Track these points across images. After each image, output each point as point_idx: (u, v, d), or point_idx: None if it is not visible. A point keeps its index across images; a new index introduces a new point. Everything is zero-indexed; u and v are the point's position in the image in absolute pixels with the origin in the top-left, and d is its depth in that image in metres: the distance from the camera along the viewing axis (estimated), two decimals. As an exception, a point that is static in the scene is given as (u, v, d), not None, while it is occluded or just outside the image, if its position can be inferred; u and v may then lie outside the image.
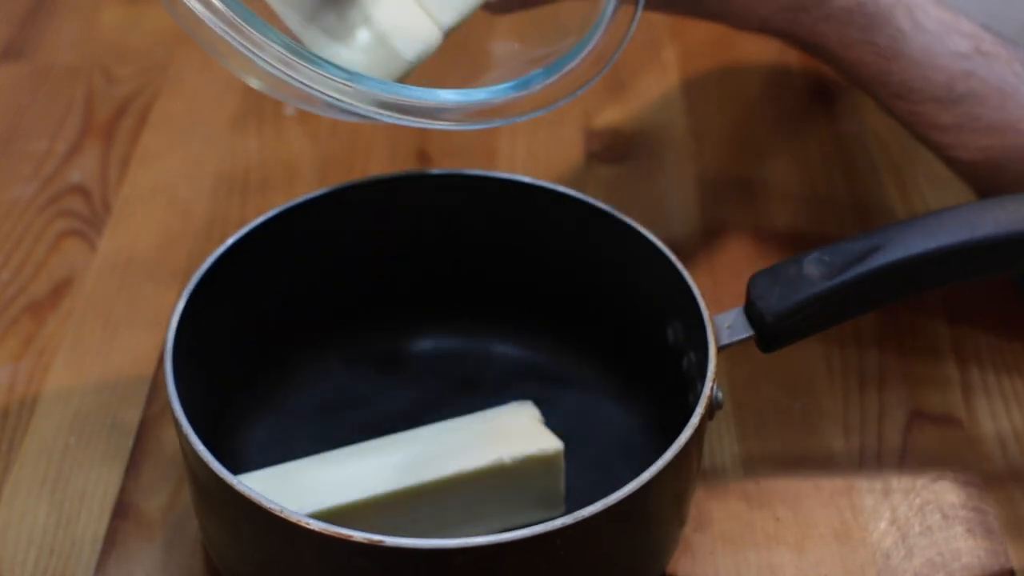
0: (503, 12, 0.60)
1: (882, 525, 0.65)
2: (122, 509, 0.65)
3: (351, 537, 0.50)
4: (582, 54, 0.58)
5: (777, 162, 0.87)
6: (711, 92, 0.92)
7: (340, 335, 0.70)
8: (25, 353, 0.72)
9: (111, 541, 0.63)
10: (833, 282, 0.58)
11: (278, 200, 0.67)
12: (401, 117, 0.55)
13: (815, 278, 0.58)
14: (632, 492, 0.52)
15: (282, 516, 0.51)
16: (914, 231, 0.59)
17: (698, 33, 0.96)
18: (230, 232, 0.64)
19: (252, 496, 0.52)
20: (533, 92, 0.57)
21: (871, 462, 0.68)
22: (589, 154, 0.87)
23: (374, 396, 0.70)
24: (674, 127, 0.90)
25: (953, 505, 0.66)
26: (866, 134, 0.89)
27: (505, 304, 0.71)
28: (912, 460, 0.68)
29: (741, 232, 0.81)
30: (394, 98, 0.55)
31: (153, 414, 0.69)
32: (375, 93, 0.54)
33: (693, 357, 0.61)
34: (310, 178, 0.84)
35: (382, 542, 0.50)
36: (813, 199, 0.84)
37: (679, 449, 0.54)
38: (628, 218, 0.65)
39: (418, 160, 0.86)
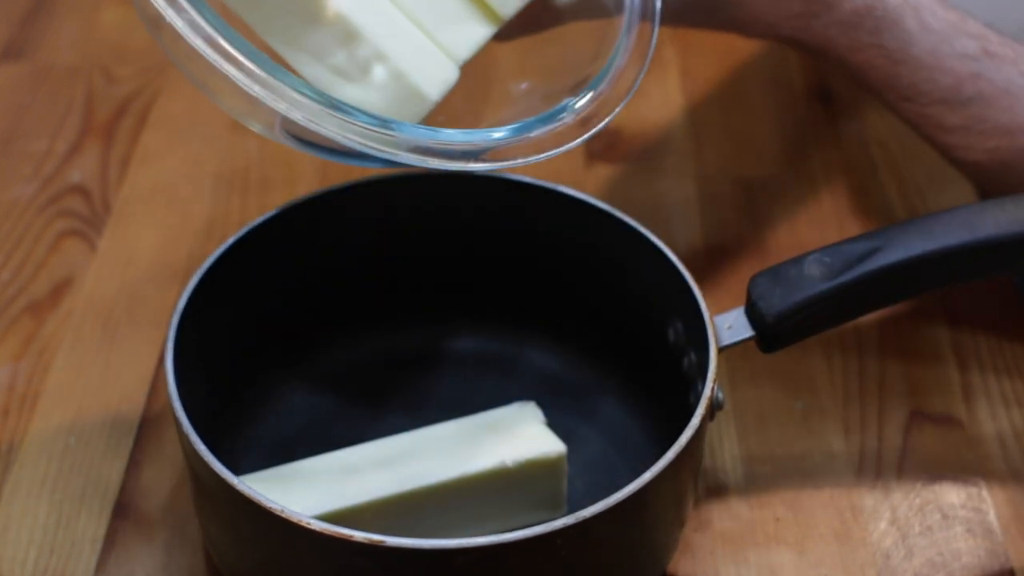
0: (512, 38, 0.60)
1: (882, 525, 0.65)
2: (122, 509, 0.65)
3: (352, 537, 0.50)
4: (608, 77, 0.58)
5: (777, 162, 0.87)
6: (711, 92, 0.92)
7: (340, 335, 0.70)
8: (25, 353, 0.72)
9: (111, 541, 0.63)
10: (834, 283, 0.58)
11: (278, 200, 0.67)
12: (445, 163, 0.53)
13: (816, 279, 0.58)
14: (632, 492, 0.52)
15: (283, 516, 0.51)
16: (914, 232, 0.59)
17: (698, 33, 0.96)
18: (230, 232, 0.64)
19: (253, 496, 0.52)
20: (568, 122, 0.56)
21: (871, 462, 0.68)
22: (589, 154, 0.87)
23: (375, 396, 0.70)
24: (674, 127, 0.90)
25: (953, 505, 0.66)
26: (866, 134, 0.89)
27: (505, 304, 0.71)
28: (912, 460, 0.68)
29: (741, 232, 0.81)
30: (435, 143, 0.53)
31: (153, 414, 0.69)
32: (415, 139, 0.53)
33: (694, 357, 0.61)
34: (310, 178, 0.84)
35: (383, 542, 0.50)
36: (813, 199, 0.84)
37: (680, 449, 0.54)
38: (628, 218, 0.65)
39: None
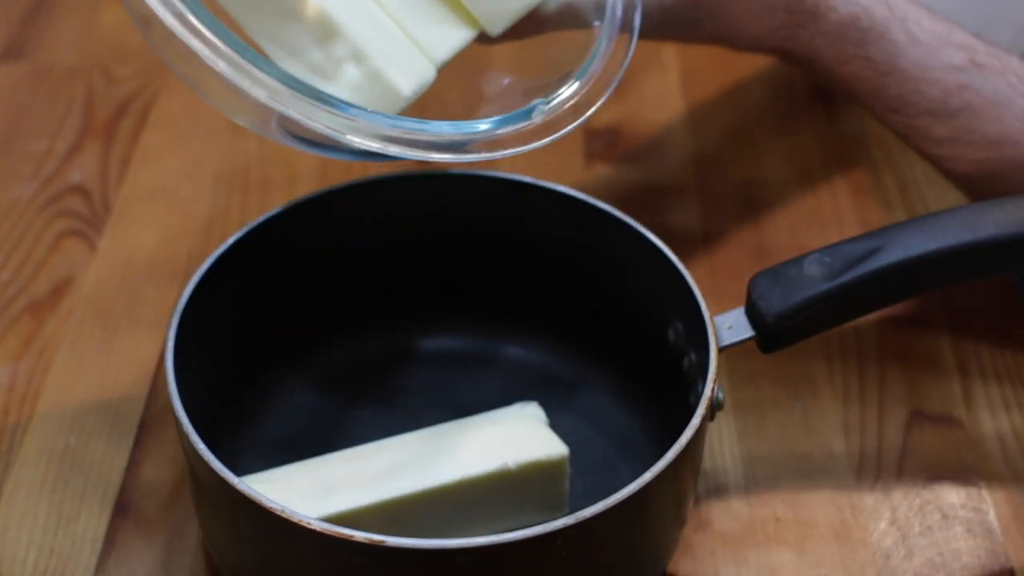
0: (494, 42, 0.60)
1: (882, 525, 0.65)
2: (122, 509, 0.65)
3: (352, 537, 0.50)
4: (583, 81, 0.58)
5: (777, 162, 0.87)
6: (711, 92, 0.92)
7: (341, 334, 0.70)
8: (25, 353, 0.72)
9: (111, 541, 0.63)
10: (834, 283, 0.58)
11: (278, 200, 0.67)
12: (405, 151, 0.54)
13: (816, 279, 0.58)
14: (633, 492, 0.52)
15: (283, 516, 0.51)
16: (914, 232, 0.59)
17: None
18: (230, 232, 0.64)
19: (253, 496, 0.52)
20: (535, 122, 0.57)
21: (871, 462, 0.68)
22: (589, 154, 0.87)
23: (377, 396, 0.70)
24: (674, 127, 0.90)
25: (953, 505, 0.66)
26: (866, 134, 0.89)
27: (506, 304, 0.71)
28: (912, 460, 0.68)
29: (741, 232, 0.81)
30: (399, 132, 0.54)
31: (153, 414, 0.69)
32: (379, 127, 0.53)
33: (694, 357, 0.61)
34: (310, 178, 0.84)
35: (383, 542, 0.50)
36: (813, 199, 0.84)
37: (680, 450, 0.54)
38: (628, 218, 0.65)
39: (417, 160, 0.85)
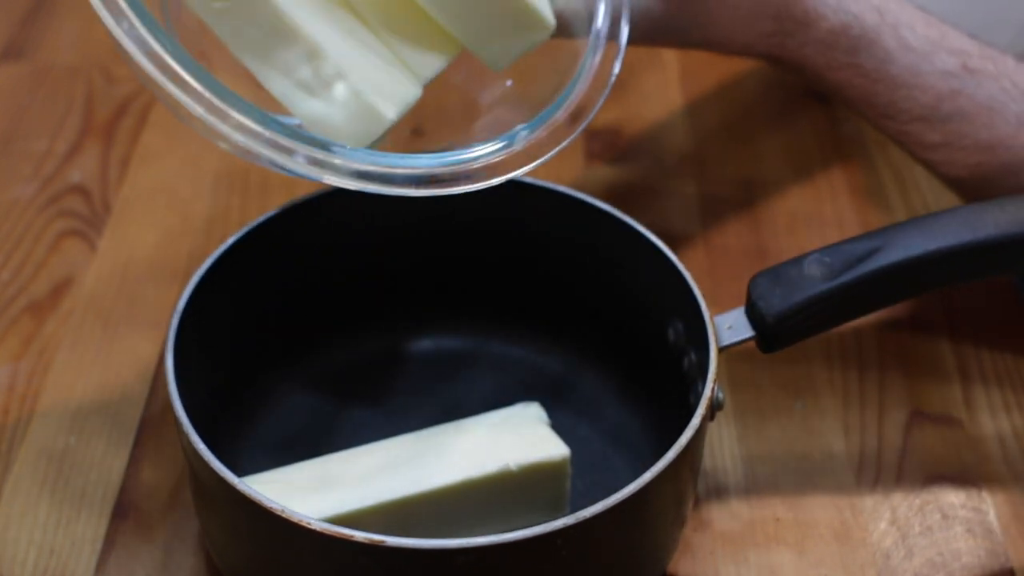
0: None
1: (882, 525, 0.65)
2: (122, 509, 0.65)
3: (352, 537, 0.50)
4: (567, 103, 0.58)
5: (777, 162, 0.87)
6: (711, 92, 0.92)
7: (341, 335, 0.70)
8: (25, 353, 0.72)
9: (111, 541, 0.63)
10: (834, 283, 0.58)
11: (278, 200, 0.67)
12: (382, 188, 0.53)
13: (816, 279, 0.58)
14: (633, 493, 0.52)
15: (283, 516, 0.51)
16: (915, 232, 0.59)
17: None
18: (230, 232, 0.64)
19: (253, 496, 0.52)
20: (517, 149, 0.56)
21: (871, 462, 0.68)
22: (589, 154, 0.87)
23: (377, 396, 0.70)
24: (674, 127, 0.90)
25: (953, 505, 0.66)
26: (866, 134, 0.89)
27: (506, 304, 0.71)
28: (912, 460, 0.68)
29: (741, 232, 0.81)
30: (374, 167, 0.53)
31: (153, 414, 0.69)
32: (354, 164, 0.53)
33: (694, 357, 0.61)
34: (310, 178, 0.84)
35: (384, 542, 0.50)
36: (813, 199, 0.84)
37: (680, 450, 0.54)
38: (628, 218, 0.65)
39: (418, 160, 0.85)
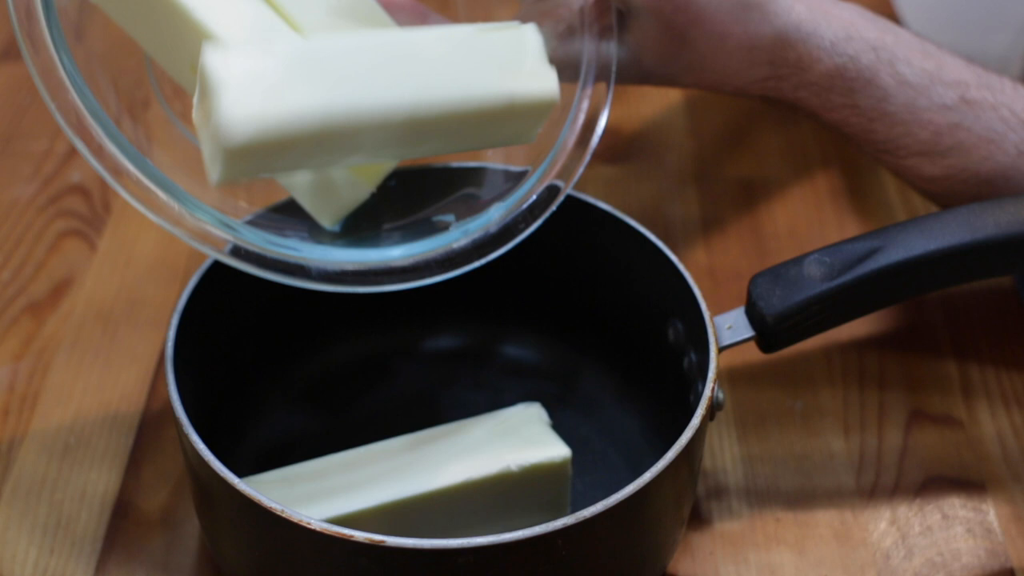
0: None
1: (882, 525, 0.65)
2: (122, 509, 0.65)
3: (353, 537, 0.50)
4: (545, 170, 0.59)
5: (777, 161, 0.87)
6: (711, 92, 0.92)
7: (341, 335, 0.70)
8: (25, 353, 0.72)
9: (111, 541, 0.63)
10: (834, 283, 0.58)
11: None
12: (357, 288, 0.55)
13: (816, 279, 0.58)
14: (633, 493, 0.52)
15: (284, 516, 0.51)
16: (914, 232, 0.59)
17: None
18: (230, 232, 0.64)
19: (254, 496, 0.52)
20: (491, 232, 0.57)
21: (871, 462, 0.68)
22: (589, 154, 0.87)
23: (378, 396, 0.70)
24: (674, 127, 0.90)
25: (953, 505, 0.66)
26: (866, 134, 0.89)
27: (506, 304, 0.71)
28: (912, 460, 0.68)
29: (741, 232, 0.81)
30: (349, 266, 0.55)
31: (153, 414, 0.69)
32: (328, 264, 0.55)
33: (694, 357, 0.61)
34: (310, 178, 0.84)
35: (383, 542, 0.50)
36: (813, 199, 0.84)
37: (680, 450, 0.54)
38: (628, 218, 0.65)
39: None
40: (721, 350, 0.59)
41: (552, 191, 0.59)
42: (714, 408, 0.57)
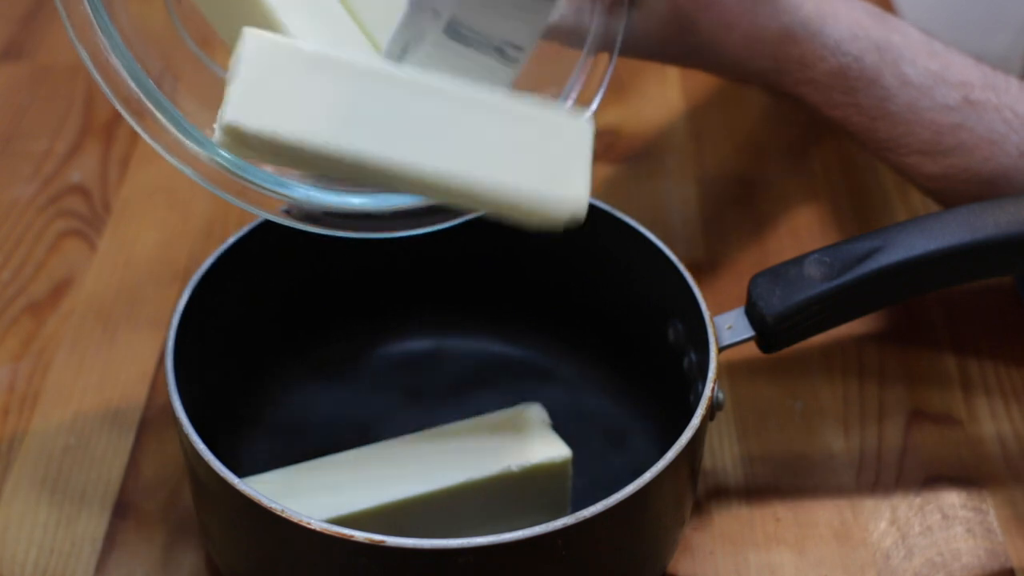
0: None
1: (882, 525, 0.65)
2: (122, 509, 0.65)
3: (352, 537, 0.50)
4: None
5: (777, 162, 0.87)
6: (711, 92, 0.92)
7: (342, 335, 0.70)
8: (25, 353, 0.72)
9: (111, 541, 0.63)
10: (834, 283, 0.58)
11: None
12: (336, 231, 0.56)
13: (816, 279, 0.58)
14: (633, 493, 0.52)
15: (283, 516, 0.51)
16: (915, 232, 0.59)
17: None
18: (230, 232, 0.64)
19: (253, 496, 0.52)
20: None
21: (871, 462, 0.68)
22: (589, 154, 0.87)
23: (377, 397, 0.70)
24: (674, 127, 0.90)
25: (953, 505, 0.66)
26: (866, 134, 0.89)
27: (505, 304, 0.71)
28: (912, 460, 0.68)
29: (741, 232, 0.81)
30: (337, 207, 0.56)
31: (153, 414, 0.69)
32: (318, 204, 0.56)
33: (694, 357, 0.61)
34: (310, 178, 0.84)
35: (383, 542, 0.50)
36: (813, 199, 0.84)
37: (680, 450, 0.54)
38: (628, 218, 0.65)
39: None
40: (721, 350, 0.59)
41: None
42: (714, 408, 0.57)
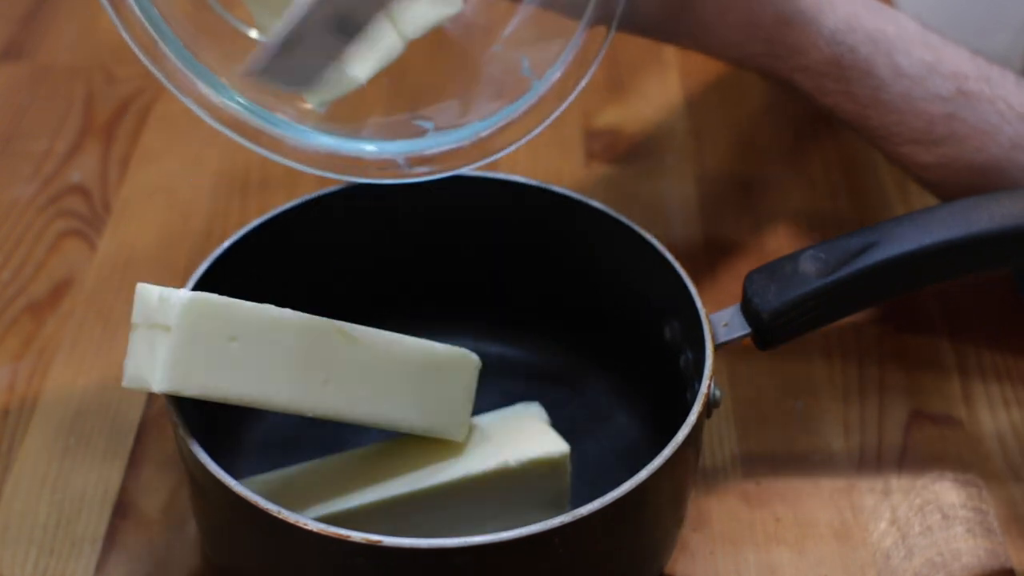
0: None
1: (882, 525, 0.65)
2: (122, 509, 0.65)
3: (349, 537, 0.50)
4: (552, 79, 0.59)
5: (776, 161, 0.87)
6: (711, 91, 0.92)
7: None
8: (25, 353, 0.72)
9: (111, 541, 0.63)
10: (829, 279, 0.58)
11: (278, 200, 0.67)
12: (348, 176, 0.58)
13: (811, 275, 0.58)
14: (629, 491, 0.52)
15: (280, 517, 0.51)
16: (909, 227, 0.59)
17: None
18: (230, 232, 0.64)
19: (249, 497, 0.52)
20: (463, 144, 0.59)
21: (871, 462, 0.68)
22: (589, 154, 0.87)
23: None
24: (674, 127, 0.90)
25: (953, 505, 0.66)
26: (866, 134, 0.89)
27: (504, 304, 0.71)
28: (912, 460, 0.68)
29: (741, 232, 0.81)
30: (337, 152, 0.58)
31: (153, 414, 0.69)
32: (315, 147, 0.57)
33: (690, 355, 0.61)
34: (310, 178, 0.83)
35: (380, 542, 0.50)
36: (812, 198, 0.84)
37: (676, 447, 0.54)
38: (623, 217, 0.65)
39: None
40: (717, 347, 0.59)
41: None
42: (711, 405, 0.57)
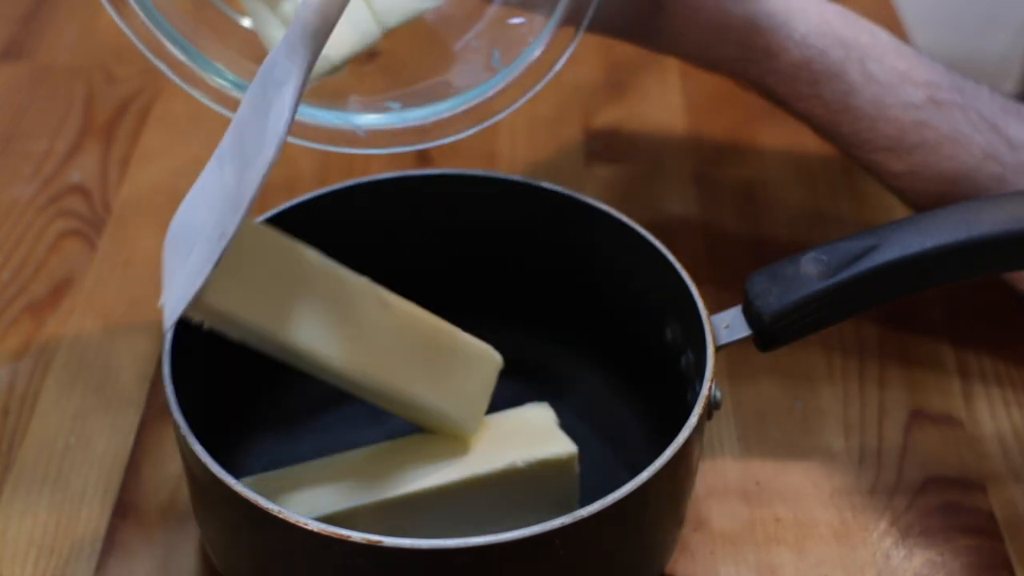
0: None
1: (882, 525, 0.65)
2: (122, 509, 0.65)
3: (350, 538, 0.50)
4: (511, 76, 0.61)
5: (777, 162, 0.87)
6: (711, 91, 0.92)
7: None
8: (25, 353, 0.72)
9: (111, 541, 0.63)
10: (831, 281, 0.58)
11: (278, 201, 0.67)
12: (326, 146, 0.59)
13: (813, 277, 0.58)
14: (630, 492, 0.52)
15: (280, 517, 0.51)
16: (911, 230, 0.59)
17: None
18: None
19: (250, 497, 0.52)
20: (457, 112, 0.61)
21: (871, 462, 0.68)
22: (589, 154, 0.87)
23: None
24: (674, 127, 0.90)
25: (953, 505, 0.66)
26: (866, 134, 0.89)
27: (504, 304, 0.71)
28: (912, 460, 0.68)
29: (741, 232, 0.81)
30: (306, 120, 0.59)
31: (153, 414, 0.69)
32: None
33: (691, 356, 0.61)
34: (309, 180, 0.84)
35: (381, 542, 0.50)
36: (813, 199, 0.84)
37: (677, 449, 0.54)
38: (625, 217, 0.65)
39: (418, 161, 0.86)
40: (718, 349, 0.59)
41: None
42: (712, 407, 0.57)
